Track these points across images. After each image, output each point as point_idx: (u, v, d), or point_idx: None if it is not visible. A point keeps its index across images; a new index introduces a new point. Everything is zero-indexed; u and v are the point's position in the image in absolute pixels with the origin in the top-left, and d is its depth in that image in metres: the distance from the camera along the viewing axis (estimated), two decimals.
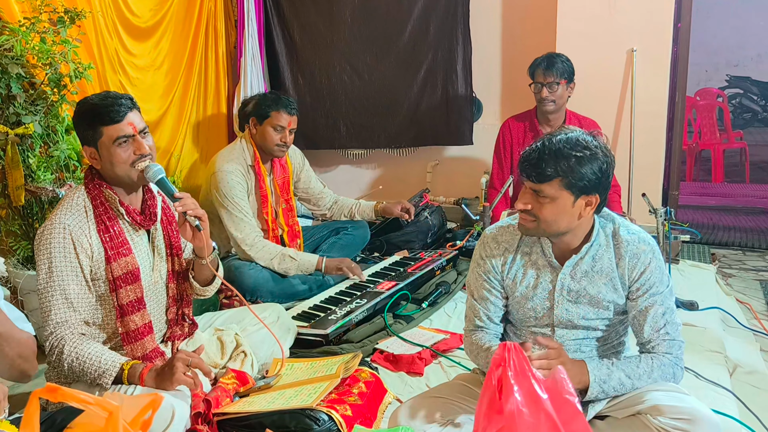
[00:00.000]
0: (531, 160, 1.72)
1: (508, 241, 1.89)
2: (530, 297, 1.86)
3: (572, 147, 1.70)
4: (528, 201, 1.75)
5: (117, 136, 1.91)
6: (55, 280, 1.89)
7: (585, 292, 1.82)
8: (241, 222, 3.11)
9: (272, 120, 3.17)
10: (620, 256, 1.79)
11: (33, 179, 2.68)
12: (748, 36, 10.36)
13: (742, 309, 3.18)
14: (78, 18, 2.79)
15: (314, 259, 3.16)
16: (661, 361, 1.76)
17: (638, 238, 1.80)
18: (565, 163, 1.69)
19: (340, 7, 4.54)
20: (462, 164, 4.67)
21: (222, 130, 4.42)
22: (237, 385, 2.09)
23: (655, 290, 1.78)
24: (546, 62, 3.47)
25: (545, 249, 1.85)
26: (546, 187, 1.71)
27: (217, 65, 4.31)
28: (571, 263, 1.82)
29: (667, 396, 1.69)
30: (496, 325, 1.94)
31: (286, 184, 3.38)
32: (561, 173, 1.69)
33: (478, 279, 1.93)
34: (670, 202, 4.20)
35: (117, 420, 1.33)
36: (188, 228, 2.01)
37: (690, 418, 1.61)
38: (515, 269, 1.88)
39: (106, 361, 1.83)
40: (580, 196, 1.72)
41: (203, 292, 2.22)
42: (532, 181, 1.73)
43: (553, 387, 1.57)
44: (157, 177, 1.96)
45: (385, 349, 2.55)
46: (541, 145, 1.72)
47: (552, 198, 1.71)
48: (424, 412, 1.82)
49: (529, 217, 1.76)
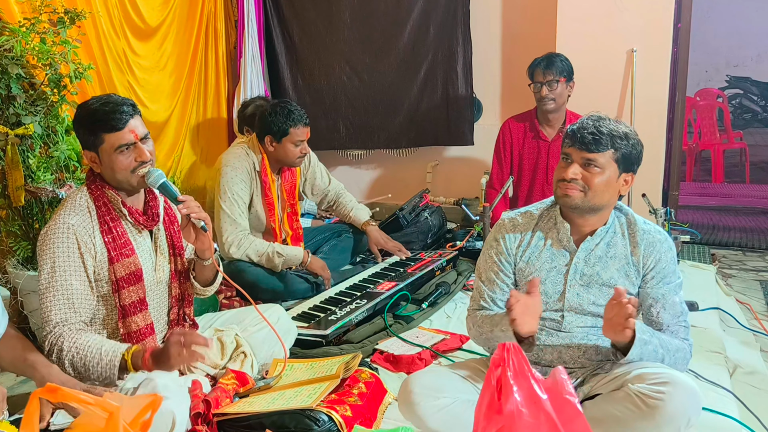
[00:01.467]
0: (587, 128, 1.80)
1: (525, 224, 1.94)
2: (543, 280, 1.89)
3: (619, 125, 1.81)
4: (578, 171, 1.81)
5: (118, 144, 1.91)
6: (57, 280, 1.89)
7: (597, 277, 1.85)
8: (229, 221, 3.09)
9: (292, 137, 3.10)
10: (635, 243, 1.85)
11: (33, 180, 2.68)
12: (748, 36, 10.36)
13: (742, 309, 3.18)
14: (78, 18, 2.79)
15: (300, 253, 3.14)
16: (683, 345, 1.82)
17: (654, 229, 1.88)
18: (618, 137, 1.78)
19: (339, 8, 4.54)
20: (462, 164, 4.67)
21: (222, 131, 4.42)
22: (237, 385, 2.10)
23: (669, 280, 1.84)
24: (545, 61, 3.48)
25: (562, 232, 1.88)
26: (599, 156, 1.78)
27: (217, 66, 4.32)
28: (587, 246, 1.86)
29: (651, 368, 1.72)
30: (498, 308, 1.95)
31: (293, 189, 3.35)
32: (615, 145, 1.78)
33: (488, 261, 1.96)
34: (670, 202, 4.20)
35: (117, 420, 1.33)
36: (191, 230, 2.00)
37: (666, 381, 1.63)
38: (530, 251, 1.91)
39: (107, 351, 1.83)
40: (623, 172, 1.81)
41: (203, 292, 2.24)
42: (588, 150, 1.79)
43: (553, 387, 1.57)
44: (158, 182, 1.96)
45: (385, 350, 2.55)
46: (596, 118, 1.82)
47: (603, 168, 1.79)
48: (437, 383, 1.83)
49: (577, 187, 1.81)
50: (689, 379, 1.68)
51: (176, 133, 3.97)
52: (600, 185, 1.79)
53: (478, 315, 1.93)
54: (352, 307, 2.82)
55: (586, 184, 1.80)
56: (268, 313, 2.41)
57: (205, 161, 4.24)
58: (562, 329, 1.89)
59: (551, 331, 1.90)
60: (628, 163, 1.81)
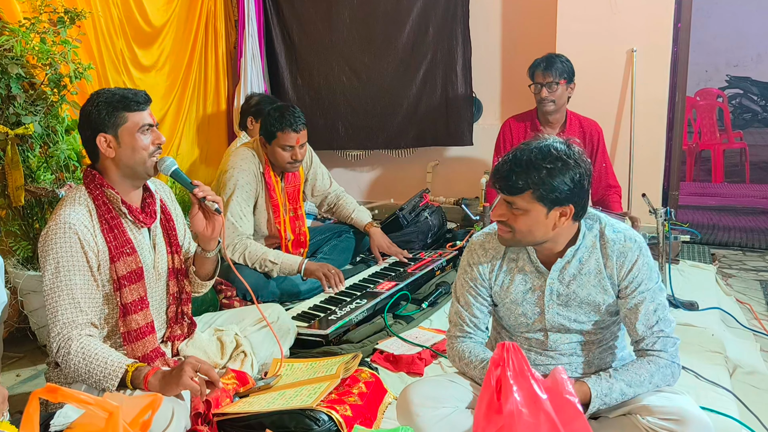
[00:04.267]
0: (502, 172, 1.72)
1: (495, 248, 1.88)
2: (520, 302, 1.85)
3: (543, 158, 1.68)
4: (503, 212, 1.75)
5: (142, 123, 1.97)
6: (62, 280, 1.88)
7: (575, 296, 1.81)
8: (227, 224, 3.04)
9: (279, 140, 3.08)
10: (607, 256, 1.78)
11: (33, 179, 2.68)
12: (748, 36, 10.36)
13: (742, 309, 3.18)
14: (78, 18, 2.79)
15: (295, 263, 3.08)
16: (658, 364, 1.75)
17: (624, 236, 1.79)
18: (536, 175, 1.67)
19: (338, 8, 4.54)
20: (462, 164, 4.67)
21: (222, 130, 4.42)
22: (237, 385, 2.10)
23: (644, 287, 1.76)
24: (545, 63, 3.47)
25: (531, 255, 1.84)
26: (518, 199, 1.71)
27: (217, 65, 4.32)
28: (557, 267, 1.81)
29: (657, 396, 1.70)
30: (482, 332, 1.93)
31: (297, 192, 3.34)
32: (532, 185, 1.68)
33: (464, 286, 1.92)
34: (670, 202, 4.20)
35: (117, 420, 1.33)
36: (202, 217, 2.04)
37: (679, 419, 1.61)
38: (502, 276, 1.87)
39: (113, 362, 1.82)
40: (552, 208, 1.71)
41: (201, 287, 2.24)
42: (504, 194, 1.73)
43: (552, 387, 1.57)
44: (171, 169, 2.02)
45: (385, 350, 2.55)
46: (513, 156, 1.72)
47: (524, 210, 1.71)
48: (437, 393, 1.81)
49: (505, 228, 1.76)
50: (700, 413, 1.65)
51: (171, 133, 3.97)
52: (523, 227, 1.73)
53: (461, 351, 1.89)
54: (352, 306, 2.82)
55: (511, 225, 1.74)
56: (268, 312, 2.41)
57: (204, 160, 4.24)
58: (549, 348, 1.87)
59: (539, 350, 1.88)
60: (554, 199, 1.68)
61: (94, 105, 1.97)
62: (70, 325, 1.87)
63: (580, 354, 1.86)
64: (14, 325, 2.79)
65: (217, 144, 4.32)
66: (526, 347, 1.88)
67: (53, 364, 2.00)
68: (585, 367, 1.87)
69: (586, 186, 1.73)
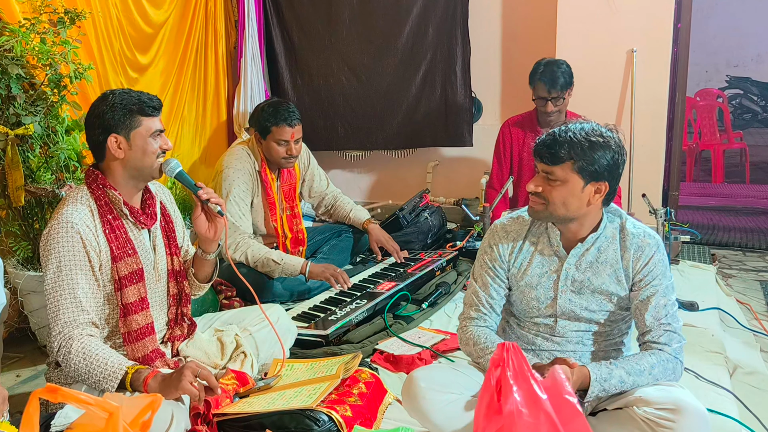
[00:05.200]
0: (546, 141, 1.77)
1: (517, 230, 1.93)
2: (535, 286, 1.88)
3: (587, 133, 1.75)
4: (539, 183, 1.79)
5: (155, 129, 2.00)
6: (64, 279, 1.88)
7: (589, 283, 1.85)
8: (227, 224, 3.05)
9: (274, 135, 3.10)
10: (625, 248, 1.83)
11: (33, 180, 2.68)
12: (748, 36, 10.36)
13: (742, 309, 3.18)
14: (78, 18, 2.79)
15: (298, 264, 3.07)
16: (660, 357, 1.76)
17: (644, 232, 1.85)
18: (579, 147, 1.73)
19: (338, 8, 4.53)
20: (462, 165, 4.67)
21: (222, 131, 4.42)
22: (237, 385, 2.09)
23: (657, 282, 1.81)
24: (549, 78, 3.43)
25: (552, 238, 1.87)
26: (557, 169, 1.75)
27: (217, 66, 4.31)
28: (576, 253, 1.85)
29: (654, 388, 1.71)
30: (496, 315, 1.95)
31: (293, 191, 3.34)
32: (573, 156, 1.74)
33: (483, 266, 1.95)
34: (670, 202, 4.20)
35: (117, 421, 1.33)
36: (204, 219, 2.06)
37: (674, 408, 1.62)
38: (522, 257, 1.91)
39: (113, 363, 1.81)
40: (590, 182, 1.76)
41: (198, 290, 2.25)
42: (545, 163, 1.77)
43: (552, 387, 1.57)
44: (175, 171, 2.05)
45: (385, 350, 2.55)
46: (558, 129, 1.78)
47: (562, 181, 1.76)
48: (445, 379, 1.83)
49: (539, 199, 1.80)
50: (697, 403, 1.66)
51: (167, 133, 3.95)
52: (558, 198, 1.76)
53: (471, 333, 1.91)
54: (352, 307, 2.82)
55: (546, 197, 1.78)
56: (268, 312, 2.41)
57: (204, 161, 4.24)
58: (556, 334, 1.89)
59: (546, 336, 1.91)
60: (593, 173, 1.74)
61: (109, 105, 1.97)
62: (72, 324, 1.87)
63: (585, 343, 1.89)
64: (14, 325, 2.79)
65: (216, 145, 4.32)
66: (534, 332, 1.91)
67: (53, 364, 2.00)
68: (589, 357, 1.89)
69: (620, 171, 1.79)
